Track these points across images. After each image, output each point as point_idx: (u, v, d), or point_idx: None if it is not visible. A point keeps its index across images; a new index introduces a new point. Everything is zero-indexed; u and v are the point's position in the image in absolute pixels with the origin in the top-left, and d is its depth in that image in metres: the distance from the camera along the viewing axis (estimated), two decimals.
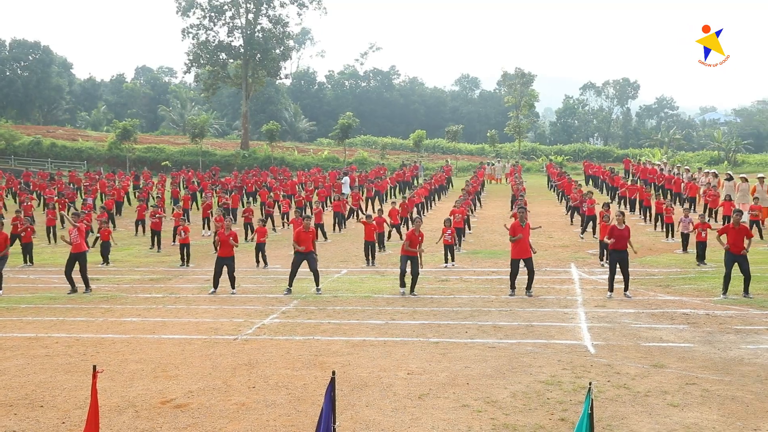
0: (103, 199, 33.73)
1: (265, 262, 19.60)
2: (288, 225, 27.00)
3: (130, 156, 56.43)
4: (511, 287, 15.25)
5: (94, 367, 6.10)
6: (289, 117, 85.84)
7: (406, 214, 25.37)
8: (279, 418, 8.27)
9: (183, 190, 35.95)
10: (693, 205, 28.23)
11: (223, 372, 10.05)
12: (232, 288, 16.02)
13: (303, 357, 10.71)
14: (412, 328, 12.45)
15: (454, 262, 19.16)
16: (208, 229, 26.62)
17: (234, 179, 39.59)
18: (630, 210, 29.09)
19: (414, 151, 65.14)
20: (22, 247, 20.82)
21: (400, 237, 23.46)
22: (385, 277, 17.69)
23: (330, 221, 27.29)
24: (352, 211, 30.23)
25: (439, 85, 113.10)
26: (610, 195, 34.66)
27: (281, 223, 28.75)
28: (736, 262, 14.29)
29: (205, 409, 8.59)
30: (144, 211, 27.02)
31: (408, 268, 15.47)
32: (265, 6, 65.38)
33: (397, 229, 24.18)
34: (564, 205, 31.89)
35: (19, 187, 36.60)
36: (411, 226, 18.19)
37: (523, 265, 15.19)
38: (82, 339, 12.08)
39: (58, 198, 30.19)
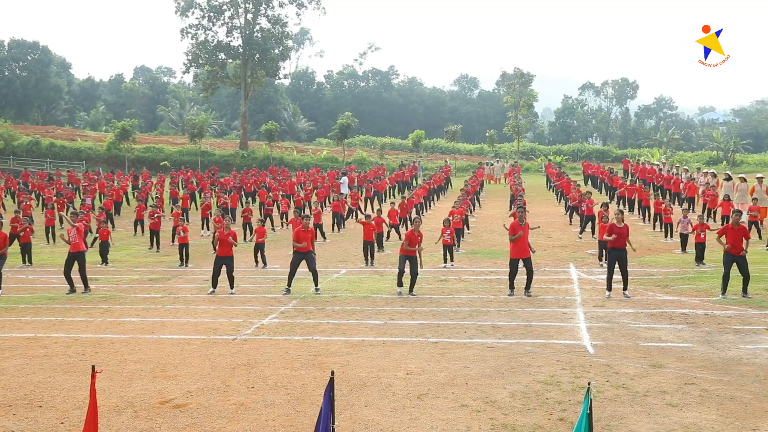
0: (101, 200, 33.74)
1: (264, 263, 19.60)
2: (287, 225, 27.02)
3: (129, 156, 56.39)
4: (510, 287, 15.25)
5: (93, 367, 6.10)
6: (288, 117, 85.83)
7: (405, 215, 25.37)
8: (278, 418, 8.27)
9: (182, 190, 35.93)
10: (692, 205, 28.26)
11: (222, 372, 10.05)
12: (230, 288, 16.02)
13: (302, 357, 10.70)
14: (411, 328, 12.45)
15: (453, 263, 19.17)
16: (207, 230, 26.61)
17: (233, 179, 39.58)
18: (629, 210, 29.10)
19: (413, 151, 65.13)
20: (20, 247, 20.82)
21: (399, 237, 23.47)
22: (384, 277, 17.69)
23: (329, 221, 27.29)
24: (351, 211, 30.23)
25: (437, 85, 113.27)
26: (609, 195, 34.68)
27: (280, 223, 28.77)
28: (735, 263, 14.31)
29: (204, 409, 8.58)
30: (143, 212, 27.02)
31: (407, 268, 15.47)
32: (264, 6, 65.37)
33: (396, 230, 24.18)
34: (563, 205, 31.90)
35: (17, 188, 36.58)
36: (410, 227, 18.20)
37: (522, 265, 15.20)
38: (81, 339, 12.08)
39: (57, 198, 30.17)
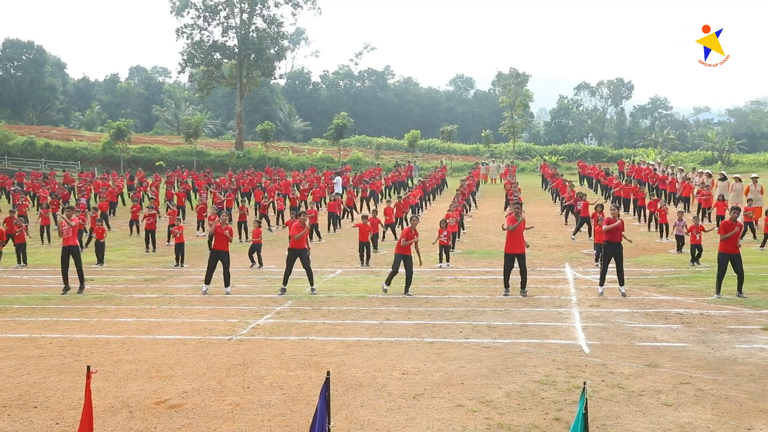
0: (97, 200, 33.66)
1: (260, 263, 19.58)
2: (284, 226, 27.01)
3: (124, 156, 56.33)
4: (505, 286, 15.25)
5: (88, 367, 6.08)
6: (284, 117, 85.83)
7: (401, 215, 25.38)
8: (274, 418, 8.26)
9: (177, 189, 35.82)
10: (687, 205, 28.32)
11: (218, 372, 10.03)
12: (226, 286, 15.92)
13: (298, 357, 10.70)
14: (407, 328, 12.46)
15: (449, 263, 19.18)
16: (202, 230, 26.57)
17: (228, 180, 39.54)
18: (624, 210, 29.14)
19: (409, 151, 65.19)
20: (15, 248, 20.76)
21: (394, 236, 23.47)
22: (380, 277, 17.66)
23: (324, 221, 27.27)
24: (347, 211, 30.24)
25: (433, 85, 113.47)
26: (605, 195, 34.73)
27: (276, 223, 28.75)
28: (730, 261, 14.34)
29: (199, 410, 8.57)
30: (138, 212, 26.97)
31: (401, 268, 15.47)
32: (259, 6, 65.37)
33: (391, 229, 24.20)
34: (558, 205, 31.95)
35: (12, 188, 36.47)
36: (406, 226, 18.22)
37: (516, 264, 15.21)
38: (76, 339, 12.05)
39: (52, 199, 30.08)
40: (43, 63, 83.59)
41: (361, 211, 30.61)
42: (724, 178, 27.13)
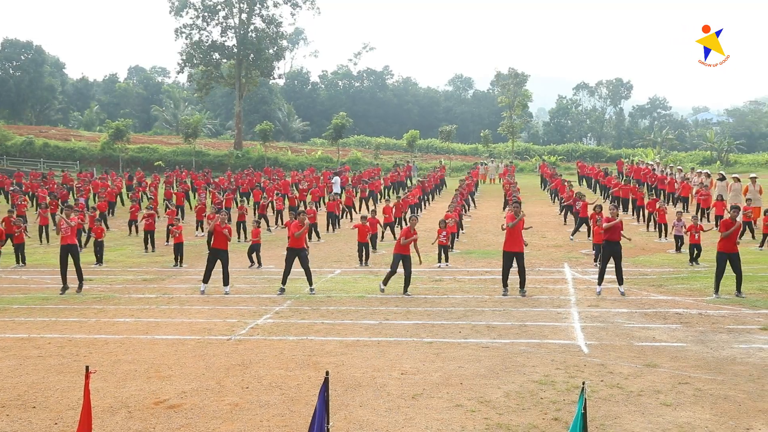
0: (95, 200, 33.63)
1: (259, 263, 19.58)
2: (283, 226, 27.00)
3: (123, 156, 56.30)
4: (504, 285, 15.25)
5: (87, 367, 6.08)
6: (283, 117, 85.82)
7: (400, 215, 25.36)
8: (272, 418, 8.26)
9: (176, 189, 35.79)
10: (686, 205, 28.34)
11: (217, 372, 10.03)
12: (225, 285, 15.92)
13: (296, 357, 10.70)
14: (406, 328, 12.46)
15: (447, 263, 19.19)
16: (201, 230, 26.56)
17: (227, 179, 39.52)
18: (623, 210, 29.14)
19: (407, 151, 65.19)
20: (14, 248, 20.75)
21: (393, 236, 23.48)
22: (379, 277, 17.63)
23: (323, 221, 27.27)
24: (345, 210, 30.23)
25: (432, 85, 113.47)
26: (604, 195, 34.74)
27: (275, 223, 28.75)
28: (729, 260, 14.35)
29: (198, 410, 8.57)
30: (137, 212, 26.96)
31: (400, 268, 15.46)
32: (258, 6, 65.37)
33: (390, 228, 24.22)
34: (557, 205, 31.96)
35: (11, 188, 36.42)
36: (405, 226, 18.23)
37: (514, 264, 15.22)
38: (75, 339, 12.04)
39: (51, 199, 30.06)
40: (41, 63, 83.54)
41: (360, 211, 30.62)
42: (722, 178, 27.15)
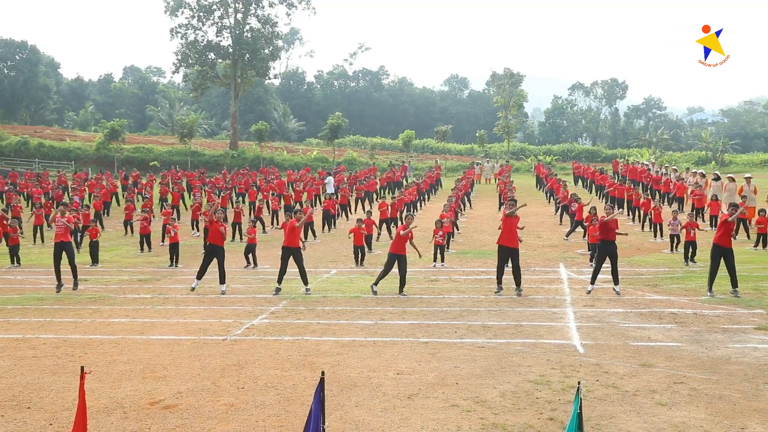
0: (91, 199, 33.57)
1: (255, 263, 19.56)
2: (279, 227, 26.96)
3: (118, 156, 56.16)
4: (498, 281, 15.27)
5: (82, 368, 6.07)
6: (278, 117, 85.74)
7: (395, 214, 25.37)
8: (268, 418, 8.25)
9: (171, 188, 35.73)
10: (681, 205, 28.40)
11: (212, 373, 10.02)
12: (222, 283, 15.88)
13: (292, 357, 10.69)
14: (402, 328, 12.46)
15: (443, 263, 19.20)
16: (197, 230, 26.52)
17: (223, 179, 39.47)
18: (618, 209, 29.18)
19: (403, 151, 65.18)
20: (9, 249, 20.71)
21: (389, 235, 23.50)
22: (374, 277, 17.66)
23: (319, 221, 27.25)
24: (342, 208, 30.22)
25: (428, 85, 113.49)
26: (599, 194, 34.79)
27: (270, 223, 28.72)
28: (723, 257, 14.38)
29: (194, 410, 8.55)
30: (132, 212, 26.91)
31: (395, 268, 15.45)
32: (253, 6, 65.30)
33: (387, 225, 24.27)
34: (553, 205, 32.00)
35: (6, 188, 36.32)
36: (401, 224, 18.25)
37: (509, 264, 15.23)
38: (70, 340, 12.01)
39: (45, 200, 29.99)
40: (36, 63, 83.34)
41: (355, 211, 30.62)
42: (717, 178, 27.21)
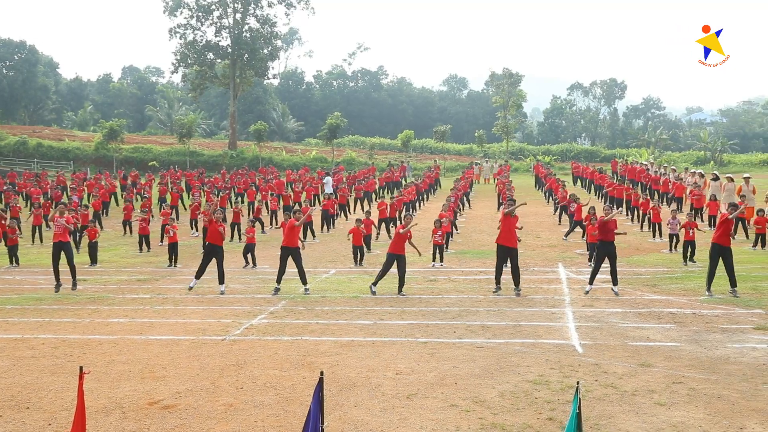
0: (89, 199, 33.54)
1: (254, 263, 19.56)
2: (278, 226, 26.95)
3: (117, 156, 56.13)
4: (497, 281, 15.27)
5: (81, 368, 6.06)
6: (277, 117, 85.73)
7: (394, 214, 25.37)
8: (267, 418, 8.25)
9: (170, 188, 35.71)
10: (680, 205, 28.42)
11: (211, 373, 10.01)
12: (221, 283, 15.86)
13: (291, 357, 10.68)
14: (401, 328, 12.46)
15: (442, 263, 19.20)
16: (195, 230, 26.51)
17: (222, 179, 39.44)
18: (617, 209, 29.17)
19: (402, 151, 65.18)
20: (8, 249, 20.70)
21: (388, 234, 23.50)
22: (373, 277, 17.65)
23: (318, 221, 27.25)
24: (341, 208, 30.22)
25: (427, 85, 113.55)
26: (598, 194, 34.81)
27: (269, 223, 28.71)
28: (721, 256, 14.39)
29: (192, 410, 8.55)
30: (131, 212, 26.90)
31: (394, 268, 15.44)
32: (252, 6, 65.27)
33: (385, 224, 24.28)
34: (551, 205, 32.01)
35: (4, 188, 36.28)
36: (399, 224, 18.25)
37: (507, 264, 15.23)
38: (69, 340, 12.01)
39: (44, 200, 29.97)
40: (35, 63, 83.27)
41: (354, 211, 30.61)
42: (716, 178, 27.23)
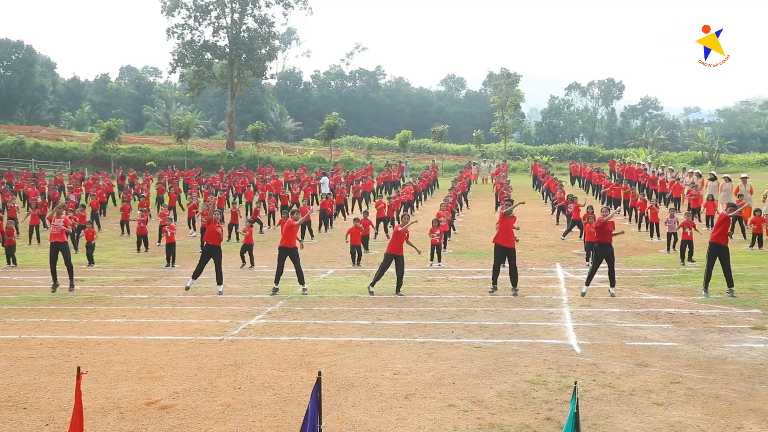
0: (87, 199, 33.50)
1: (252, 263, 19.54)
2: (275, 226, 26.94)
3: (115, 156, 56.08)
4: (493, 282, 15.27)
5: (79, 368, 6.05)
6: (275, 117, 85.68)
7: (392, 214, 25.37)
8: (265, 418, 8.25)
9: (168, 189, 35.67)
10: (678, 205, 28.44)
11: (209, 373, 10.01)
12: (219, 284, 15.86)
13: (289, 357, 10.68)
14: (399, 328, 12.46)
15: (440, 263, 19.20)
16: (193, 230, 26.49)
17: (219, 178, 39.40)
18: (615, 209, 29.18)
19: (400, 152, 65.18)
20: (5, 250, 20.66)
21: (386, 234, 23.49)
22: (371, 277, 17.64)
23: (316, 221, 27.23)
24: (338, 208, 30.21)
25: (424, 85, 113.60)
26: (595, 194, 34.83)
27: (267, 223, 28.69)
28: (719, 256, 14.41)
29: (190, 410, 8.55)
30: (129, 212, 26.87)
31: (392, 268, 15.44)
32: (250, 6, 65.22)
33: (384, 224, 24.28)
34: (549, 205, 32.03)
35: (2, 188, 36.20)
36: (397, 223, 18.26)
37: (506, 263, 15.23)
38: (66, 340, 11.99)
39: (42, 200, 29.93)
40: (32, 63, 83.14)
41: (352, 211, 30.60)
42: (714, 178, 27.25)
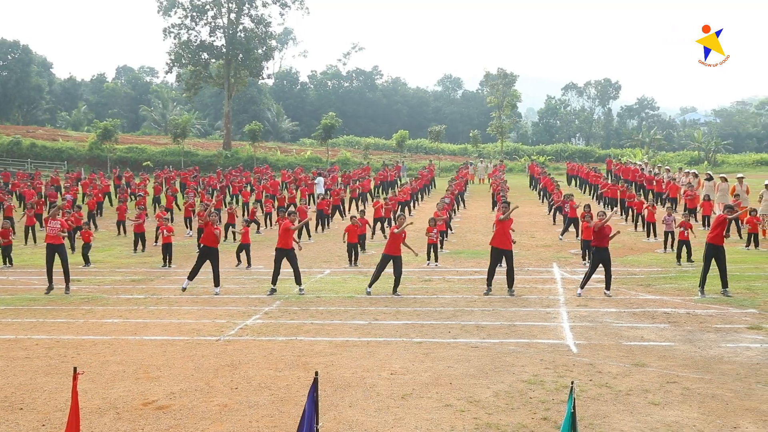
0: (84, 199, 33.45)
1: (249, 263, 19.53)
2: (272, 226, 26.96)
3: (111, 156, 55.99)
4: (488, 283, 15.27)
5: (75, 368, 6.05)
6: (272, 117, 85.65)
7: (389, 214, 25.38)
8: (262, 419, 8.24)
9: (164, 188, 35.64)
10: (674, 205, 28.48)
11: (206, 373, 10.00)
12: (216, 286, 15.86)
13: (286, 358, 10.68)
14: (395, 328, 12.46)
15: (437, 263, 19.21)
16: (189, 230, 26.47)
17: (217, 178, 39.37)
18: (612, 209, 29.24)
19: (397, 152, 65.20)
20: (1, 250, 20.60)
21: (383, 234, 23.49)
22: (368, 277, 17.60)
23: (313, 221, 27.21)
24: (335, 209, 30.22)
25: (421, 85, 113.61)
26: (592, 194, 34.88)
27: (263, 224, 28.67)
28: (715, 256, 14.44)
29: (187, 411, 8.54)
30: (125, 212, 26.83)
31: (389, 268, 15.44)
32: (247, 6, 65.21)
33: (381, 224, 24.29)
34: (546, 205, 32.07)
35: None
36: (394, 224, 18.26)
37: (502, 264, 15.24)
38: (63, 340, 11.97)
39: (38, 199, 29.88)
40: (28, 63, 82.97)
41: (350, 211, 30.60)
42: (710, 178, 27.31)
